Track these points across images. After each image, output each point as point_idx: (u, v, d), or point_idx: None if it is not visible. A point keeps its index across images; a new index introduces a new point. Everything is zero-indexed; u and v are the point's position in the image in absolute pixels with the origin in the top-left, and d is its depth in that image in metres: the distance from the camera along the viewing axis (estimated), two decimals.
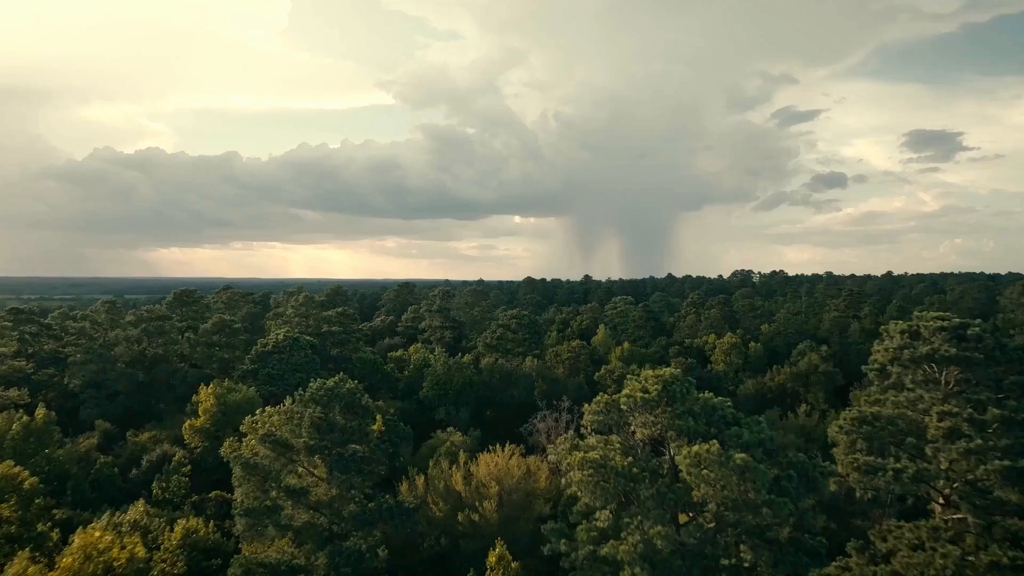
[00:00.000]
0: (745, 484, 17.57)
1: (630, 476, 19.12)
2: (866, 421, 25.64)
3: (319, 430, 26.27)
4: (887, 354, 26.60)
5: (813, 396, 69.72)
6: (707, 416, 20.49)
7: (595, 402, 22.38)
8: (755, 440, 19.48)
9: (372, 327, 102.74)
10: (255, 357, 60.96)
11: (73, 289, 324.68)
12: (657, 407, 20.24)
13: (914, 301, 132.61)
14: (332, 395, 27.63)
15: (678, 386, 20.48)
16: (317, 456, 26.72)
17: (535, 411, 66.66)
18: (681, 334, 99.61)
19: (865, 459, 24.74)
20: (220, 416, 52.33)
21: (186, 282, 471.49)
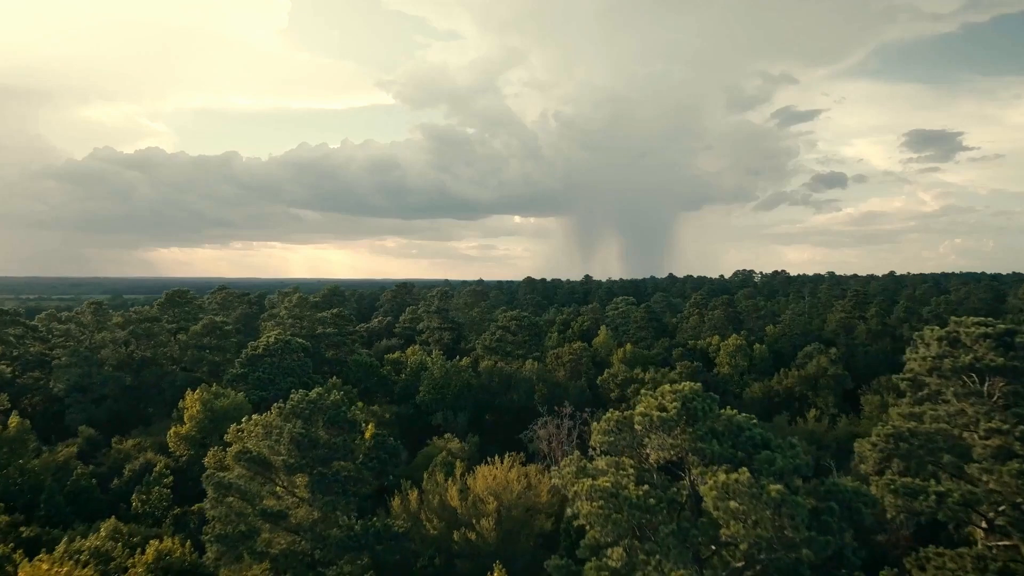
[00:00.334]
0: (781, 520, 15.02)
1: (646, 507, 16.55)
2: (902, 438, 22.92)
3: (300, 447, 23.68)
4: (924, 363, 23.90)
5: (822, 400, 67.08)
6: (732, 438, 17.89)
7: (605, 420, 19.75)
8: (789, 467, 16.88)
9: (369, 328, 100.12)
10: (245, 361, 58.31)
11: (73, 289, 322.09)
12: (676, 427, 17.64)
13: (919, 302, 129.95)
14: (315, 408, 25.03)
15: (699, 403, 17.86)
16: (298, 475, 24.13)
17: (535, 416, 64.02)
18: (684, 335, 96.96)
19: (903, 481, 22.00)
20: (207, 423, 49.71)
21: (186, 282, 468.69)
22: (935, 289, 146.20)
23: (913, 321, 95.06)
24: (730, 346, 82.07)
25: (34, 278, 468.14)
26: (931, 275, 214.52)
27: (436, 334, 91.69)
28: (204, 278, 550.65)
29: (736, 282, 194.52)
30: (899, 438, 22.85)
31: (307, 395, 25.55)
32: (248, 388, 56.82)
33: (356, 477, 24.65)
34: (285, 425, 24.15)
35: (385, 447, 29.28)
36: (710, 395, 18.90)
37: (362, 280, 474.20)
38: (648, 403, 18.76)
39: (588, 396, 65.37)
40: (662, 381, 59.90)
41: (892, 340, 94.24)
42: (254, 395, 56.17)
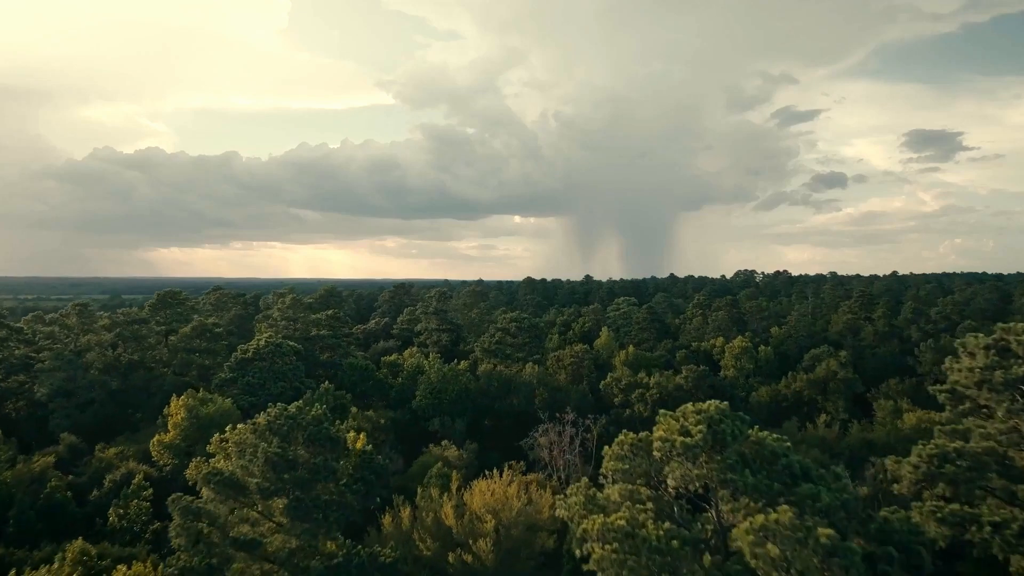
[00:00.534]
0: (831, 570, 12.50)
1: (668, 550, 14.02)
2: (948, 459, 20.25)
3: (275, 468, 21.12)
4: (971, 375, 21.26)
5: (832, 405, 64.46)
6: (766, 466, 15.34)
7: (618, 443, 17.20)
8: (836, 502, 14.35)
9: (366, 330, 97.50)
10: (234, 365, 55.71)
11: (72, 289, 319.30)
12: (701, 454, 15.08)
13: (924, 303, 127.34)
14: (293, 424, 22.46)
15: (728, 426, 15.32)
16: (275, 499, 21.58)
17: (536, 421, 61.38)
18: (687, 337, 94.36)
19: (951, 508, 19.33)
20: (192, 431, 47.12)
21: (186, 282, 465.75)
22: (939, 290, 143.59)
23: (921, 323, 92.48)
24: (735, 348, 79.51)
25: (34, 278, 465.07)
26: (933, 275, 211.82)
27: (434, 336, 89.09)
28: (204, 278, 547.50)
29: (738, 282, 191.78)
30: (945, 459, 20.21)
31: (285, 409, 22.97)
32: (237, 393, 54.25)
33: (339, 501, 22.08)
34: (259, 444, 21.60)
35: (372, 467, 26.69)
36: (739, 416, 16.35)
37: (362, 280, 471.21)
38: (669, 426, 16.19)
39: (590, 401, 62.76)
40: (667, 386, 57.32)
41: (900, 342, 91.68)
42: (244, 400, 53.56)
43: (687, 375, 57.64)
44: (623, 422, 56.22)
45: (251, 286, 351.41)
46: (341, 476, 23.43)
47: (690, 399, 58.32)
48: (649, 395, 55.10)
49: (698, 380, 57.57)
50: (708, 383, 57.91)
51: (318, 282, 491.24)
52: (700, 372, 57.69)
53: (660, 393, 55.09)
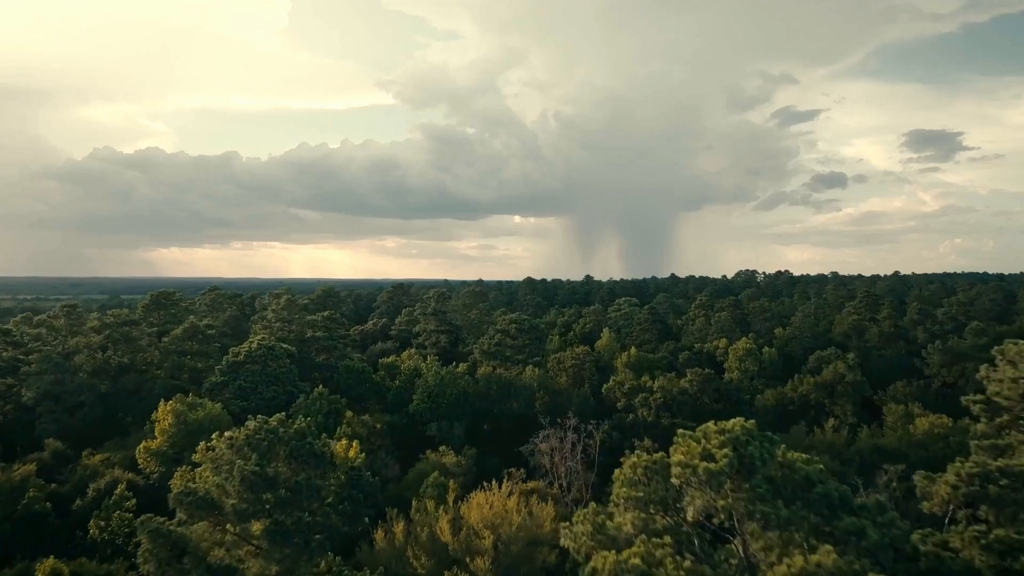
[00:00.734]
0: None
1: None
2: (991, 478, 18.27)
3: (253, 488, 19.22)
4: (1015, 387, 19.30)
5: (840, 409, 62.51)
6: (799, 493, 13.43)
7: (630, 465, 15.26)
8: (884, 540, 12.46)
9: (364, 331, 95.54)
10: (226, 368, 53.77)
11: (72, 289, 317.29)
12: (726, 481, 13.19)
13: (929, 303, 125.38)
14: (275, 439, 20.55)
15: (756, 448, 13.41)
16: (253, 521, 19.68)
17: (536, 426, 59.47)
18: (690, 338, 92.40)
19: (997, 534, 17.34)
20: (180, 437, 45.19)
21: (186, 282, 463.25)
22: (943, 290, 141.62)
23: (927, 324, 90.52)
24: (739, 350, 77.57)
25: (34, 278, 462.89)
26: (936, 275, 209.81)
27: (433, 337, 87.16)
28: (204, 278, 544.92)
29: (739, 282, 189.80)
30: (987, 478, 18.26)
31: (266, 422, 21.07)
32: (229, 398, 52.35)
33: (323, 523, 20.18)
34: (236, 461, 19.69)
35: (360, 484, 24.74)
36: (767, 436, 14.43)
37: (362, 280, 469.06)
38: (689, 448, 14.25)
39: (592, 405, 60.85)
40: (671, 390, 55.36)
41: (906, 343, 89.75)
42: (235, 405, 51.65)
43: (692, 378, 55.71)
44: (626, 427, 54.33)
45: (251, 286, 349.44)
46: (326, 495, 21.52)
47: (695, 404, 56.29)
48: (653, 400, 53.19)
49: (703, 384, 55.64)
50: (713, 387, 55.99)
51: (318, 282, 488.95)
52: (705, 375, 55.76)
53: (664, 398, 53.18)
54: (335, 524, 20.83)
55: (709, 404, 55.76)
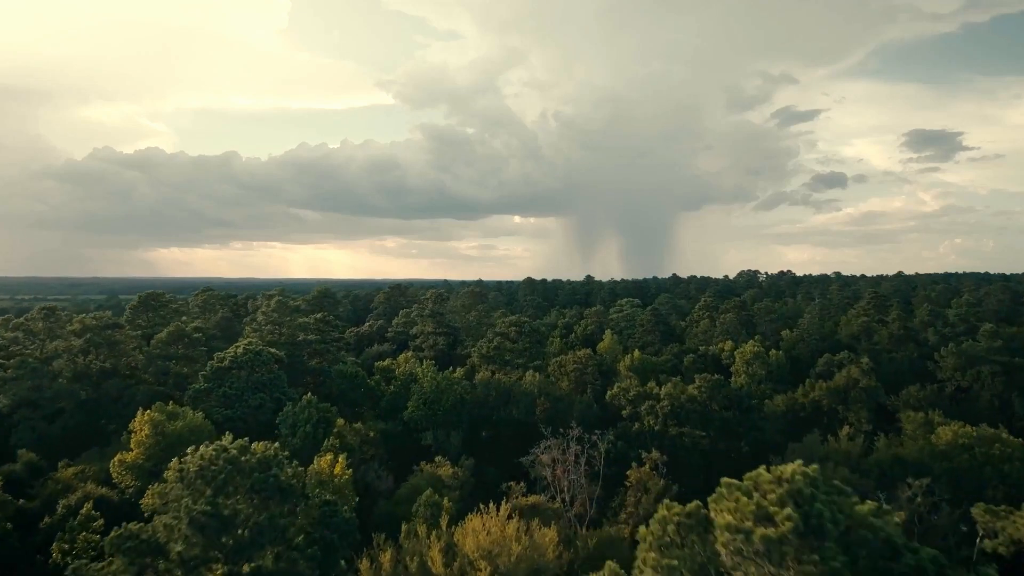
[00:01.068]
0: None
1: None
2: None
3: (205, 531, 16.10)
4: None
5: (855, 416, 59.36)
6: (883, 563, 10.30)
7: (659, 520, 12.12)
8: None
9: (360, 333, 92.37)
10: (210, 374, 50.62)
11: (70, 289, 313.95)
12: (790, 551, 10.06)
13: (936, 304, 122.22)
14: (234, 470, 17.40)
15: (824, 505, 10.26)
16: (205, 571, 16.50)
17: (537, 433, 56.34)
18: (695, 340, 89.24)
19: None
20: (157, 449, 42.03)
21: (186, 282, 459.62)
22: (948, 290, 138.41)
23: (939, 325, 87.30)
24: (747, 353, 74.44)
25: (34, 278, 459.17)
26: (940, 275, 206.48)
27: (430, 339, 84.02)
28: (204, 278, 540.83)
29: (741, 283, 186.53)
30: None
31: (224, 449, 17.94)
32: (213, 406, 49.19)
33: (288, 571, 17.03)
34: (184, 499, 16.52)
35: (334, 523, 21.53)
36: (836, 487, 11.28)
37: (362, 280, 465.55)
38: (738, 505, 11.03)
39: (596, 412, 57.71)
40: (679, 397, 52.18)
41: (916, 346, 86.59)
42: (219, 413, 48.52)
43: (700, 385, 52.53)
44: (632, 437, 51.16)
45: (251, 286, 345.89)
46: (293, 537, 18.40)
47: (704, 411, 53.13)
48: (660, 408, 50.01)
49: (712, 390, 52.47)
50: (723, 393, 52.80)
51: (318, 282, 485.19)
52: (714, 382, 52.58)
53: (672, 405, 49.99)
54: (303, 572, 17.68)
55: (718, 411, 52.64)
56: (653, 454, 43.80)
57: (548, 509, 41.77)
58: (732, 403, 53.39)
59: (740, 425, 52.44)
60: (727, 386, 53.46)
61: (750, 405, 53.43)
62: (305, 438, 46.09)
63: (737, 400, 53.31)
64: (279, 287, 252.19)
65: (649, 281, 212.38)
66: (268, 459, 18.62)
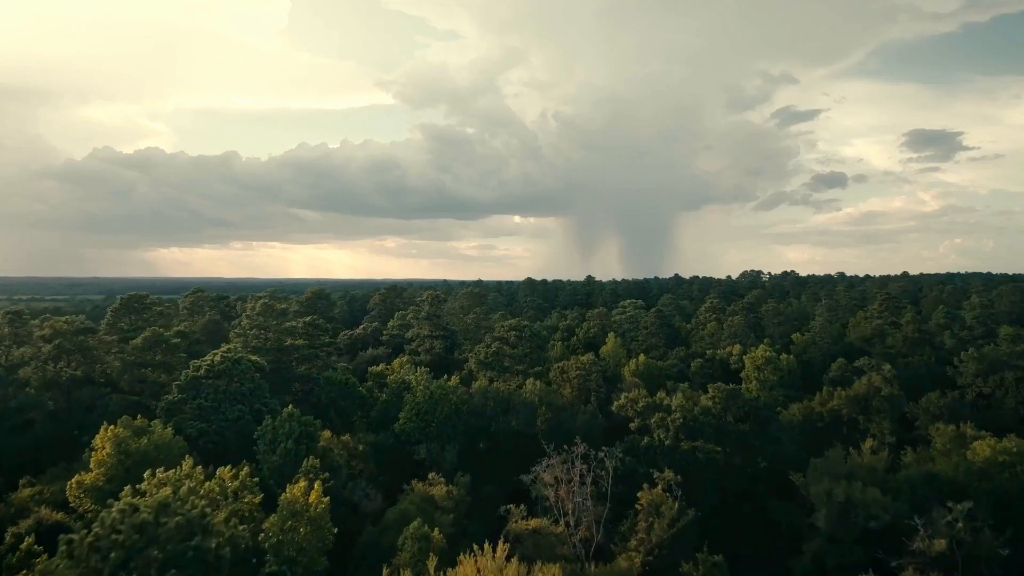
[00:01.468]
0: None
1: None
2: None
3: None
4: None
5: (876, 427, 54.95)
6: None
7: None
8: None
9: (353, 335, 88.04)
10: (184, 384, 46.32)
11: (68, 289, 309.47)
12: None
13: (947, 305, 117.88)
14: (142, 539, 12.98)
15: None
16: None
17: (537, 445, 52.02)
18: (701, 344, 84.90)
19: None
20: (120, 469, 37.77)
21: (186, 282, 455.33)
22: (958, 291, 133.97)
23: (955, 328, 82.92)
24: (758, 358, 70.10)
25: (33, 278, 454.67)
26: (945, 275, 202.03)
27: (426, 343, 79.70)
28: (204, 278, 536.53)
29: (744, 283, 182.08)
30: None
31: (135, 510, 13.59)
32: (186, 419, 44.88)
33: None
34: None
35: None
36: None
37: (362, 280, 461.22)
38: None
39: (601, 424, 53.38)
40: (692, 409, 47.82)
41: (932, 350, 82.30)
42: (193, 427, 44.21)
43: (714, 395, 48.20)
44: (641, 452, 46.79)
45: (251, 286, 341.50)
46: None
47: (719, 424, 48.82)
48: (672, 420, 45.68)
49: (727, 401, 48.16)
50: (738, 404, 48.48)
51: (317, 282, 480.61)
52: (729, 391, 48.28)
53: (684, 418, 45.65)
54: None
55: (734, 424, 48.33)
56: (666, 473, 39.49)
57: (551, 534, 37.54)
58: (748, 414, 49.08)
59: (757, 438, 48.12)
60: (742, 396, 49.09)
61: (768, 416, 49.09)
62: (286, 455, 41.78)
63: (753, 411, 48.99)
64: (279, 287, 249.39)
65: (651, 281, 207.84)
66: (192, 520, 14.28)
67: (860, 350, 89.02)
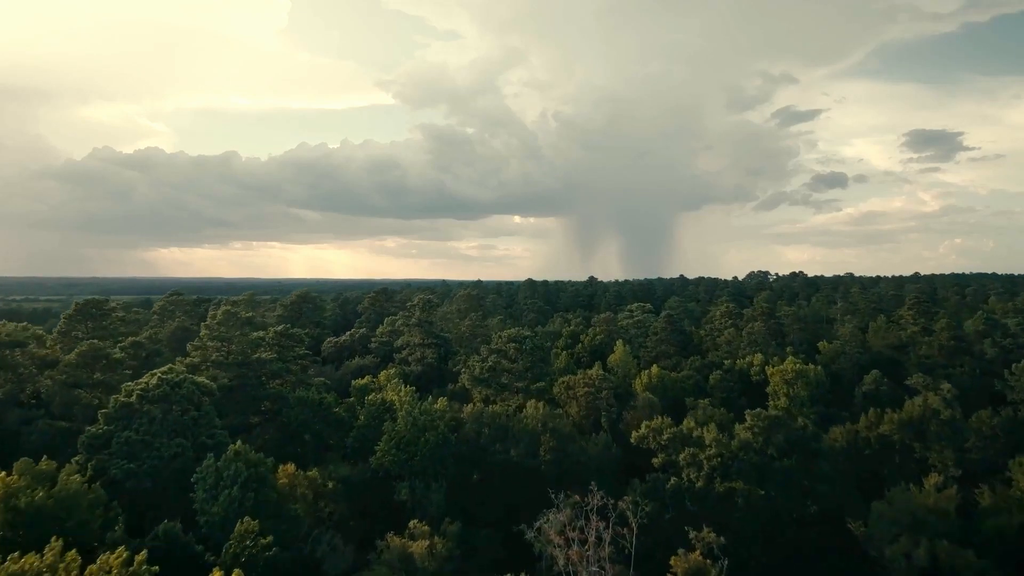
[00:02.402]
0: None
1: None
2: None
3: None
4: None
5: (937, 457, 45.70)
6: None
7: None
8: None
9: (339, 343, 78.73)
10: (112, 413, 37.10)
11: (67, 289, 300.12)
12: None
13: (972, 307, 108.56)
14: None
15: None
16: None
17: (540, 481, 42.84)
18: (719, 353, 75.56)
19: None
20: (7, 529, 28.59)
21: (186, 282, 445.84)
22: (977, 293, 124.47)
23: (996, 336, 73.57)
24: (788, 372, 60.74)
25: (32, 278, 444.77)
26: (951, 275, 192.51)
27: (417, 352, 70.48)
28: (204, 278, 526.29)
29: (751, 284, 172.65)
30: None
31: None
32: (112, 456, 35.66)
33: None
34: None
35: None
36: None
37: (361, 280, 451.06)
38: None
39: (616, 455, 44.04)
40: (729, 444, 38.49)
41: (972, 360, 73.17)
42: (118, 468, 35.00)
43: (753, 424, 38.93)
44: (667, 494, 37.55)
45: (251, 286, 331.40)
46: None
47: (762, 461, 39.57)
48: (706, 458, 36.37)
49: (768, 430, 38.91)
50: (782, 434, 39.20)
51: (317, 282, 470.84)
52: (771, 420, 39.00)
53: (721, 456, 36.35)
54: None
55: (777, 458, 39.11)
56: (705, 533, 30.26)
57: None
58: (793, 446, 39.80)
59: (805, 476, 38.86)
60: (786, 424, 39.74)
61: (817, 450, 39.76)
62: (229, 504, 32.59)
63: (800, 442, 39.69)
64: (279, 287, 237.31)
65: (654, 282, 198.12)
66: None
67: (891, 360, 79.86)
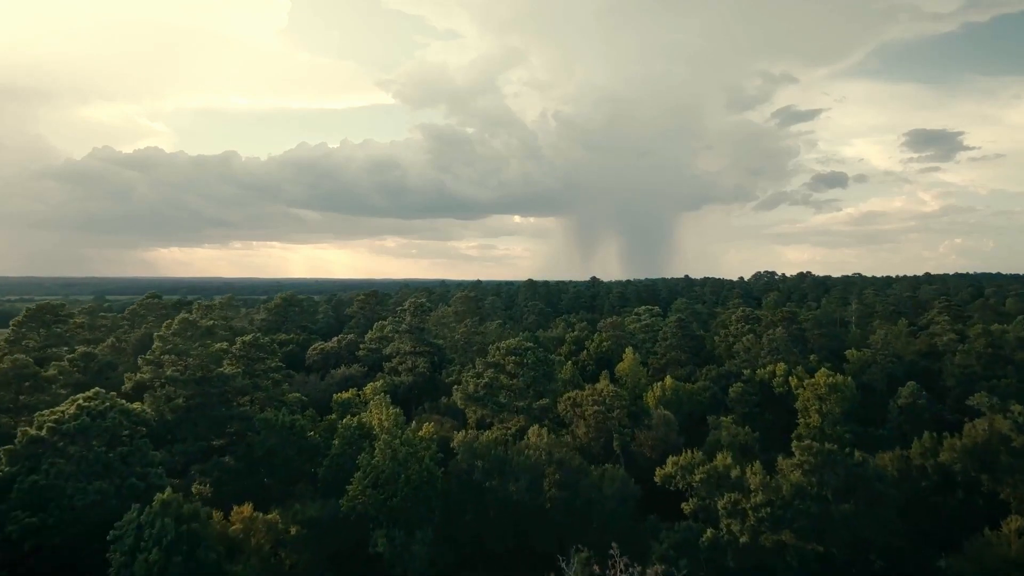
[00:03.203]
0: None
1: None
2: None
3: None
4: None
5: (1012, 492, 38.15)
6: None
7: None
8: None
9: (325, 350, 71.02)
10: (19, 450, 29.50)
11: (64, 289, 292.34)
12: None
13: (993, 310, 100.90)
14: None
15: None
16: None
17: (544, 522, 35.46)
18: (737, 361, 67.86)
19: None
20: None
21: (186, 282, 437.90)
22: (1000, 294, 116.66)
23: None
24: (820, 386, 53.06)
25: (32, 278, 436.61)
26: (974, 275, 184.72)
27: (408, 361, 62.82)
28: (204, 278, 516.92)
29: (758, 285, 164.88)
30: None
31: None
32: (13, 506, 28.01)
33: None
34: None
35: None
36: None
37: (361, 280, 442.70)
38: None
39: (635, 493, 36.33)
40: (778, 491, 30.92)
41: (1015, 370, 65.59)
42: (17, 525, 27.33)
43: (804, 460, 31.24)
44: (700, 550, 29.98)
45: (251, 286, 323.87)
46: None
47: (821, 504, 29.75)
48: (751, 508, 28.69)
49: (823, 466, 31.21)
50: (839, 472, 31.47)
51: (317, 282, 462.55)
52: (826, 455, 31.30)
53: (771, 503, 28.69)
54: None
55: (832, 502, 31.49)
56: None
57: None
58: (852, 485, 32.14)
59: (867, 524, 31.18)
60: (842, 460, 32.00)
61: (881, 493, 32.02)
62: (149, 569, 24.99)
63: (864, 480, 31.97)
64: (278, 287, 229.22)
65: (658, 282, 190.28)
66: None
67: (925, 369, 72.27)
